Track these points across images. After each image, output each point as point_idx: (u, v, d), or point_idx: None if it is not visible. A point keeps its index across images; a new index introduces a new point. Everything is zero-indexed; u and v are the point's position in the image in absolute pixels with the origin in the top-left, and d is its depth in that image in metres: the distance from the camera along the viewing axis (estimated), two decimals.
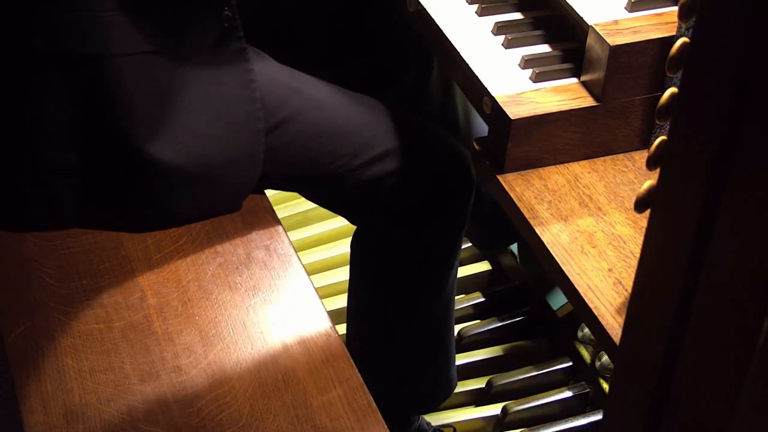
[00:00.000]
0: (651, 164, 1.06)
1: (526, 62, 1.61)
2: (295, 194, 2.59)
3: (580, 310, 1.40)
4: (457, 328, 2.39)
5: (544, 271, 1.71)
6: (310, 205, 2.59)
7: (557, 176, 1.56)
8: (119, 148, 1.61)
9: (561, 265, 1.42)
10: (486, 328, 2.38)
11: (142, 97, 1.59)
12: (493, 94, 1.55)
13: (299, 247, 2.44)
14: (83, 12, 1.54)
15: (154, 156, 1.61)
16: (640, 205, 1.08)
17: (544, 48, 1.65)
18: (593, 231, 1.47)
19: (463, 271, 2.50)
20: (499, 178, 1.56)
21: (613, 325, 1.35)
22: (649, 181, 1.08)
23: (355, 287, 2.01)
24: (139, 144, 1.60)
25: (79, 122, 1.61)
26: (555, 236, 1.46)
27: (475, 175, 1.84)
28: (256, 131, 1.67)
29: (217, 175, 1.67)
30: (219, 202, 1.72)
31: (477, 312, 2.44)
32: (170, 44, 1.60)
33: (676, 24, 1.52)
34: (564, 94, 1.56)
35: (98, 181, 1.66)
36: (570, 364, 2.28)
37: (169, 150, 1.61)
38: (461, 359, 2.35)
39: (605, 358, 2.17)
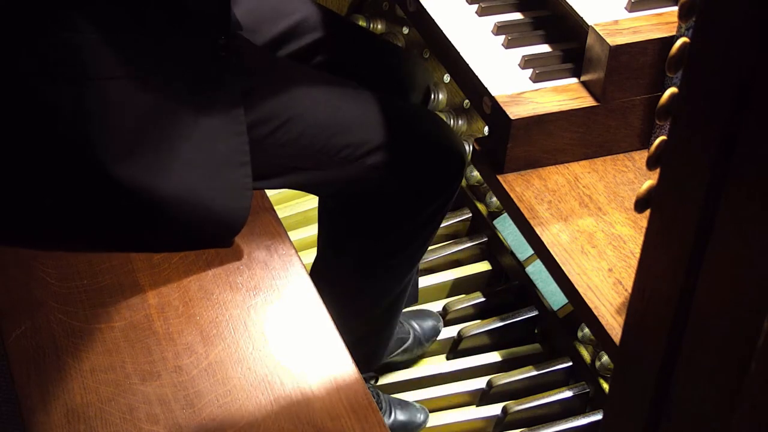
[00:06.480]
0: (651, 164, 1.06)
1: (526, 62, 1.61)
2: (295, 194, 2.61)
3: (580, 310, 1.40)
4: (457, 328, 2.40)
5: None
6: (310, 205, 2.59)
7: (557, 176, 1.57)
8: (99, 171, 1.59)
9: (561, 265, 1.43)
10: (486, 328, 2.38)
11: (125, 121, 1.58)
12: (493, 94, 1.56)
13: (299, 247, 2.44)
14: (70, 34, 1.54)
15: (130, 179, 1.60)
16: (640, 205, 1.08)
17: (544, 48, 1.66)
18: (593, 231, 1.47)
19: (463, 271, 2.50)
20: (499, 178, 1.56)
21: (613, 325, 1.35)
22: (649, 181, 1.08)
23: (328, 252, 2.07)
24: (116, 166, 1.59)
25: (63, 141, 1.59)
26: (555, 236, 1.46)
27: (465, 155, 1.90)
28: (243, 163, 1.67)
29: (204, 204, 1.66)
30: (209, 234, 1.71)
31: (477, 312, 2.44)
32: (159, 69, 1.59)
33: (676, 24, 1.52)
34: (564, 94, 1.57)
35: (79, 202, 1.65)
36: (570, 364, 2.28)
37: (149, 176, 1.60)
38: (461, 360, 2.35)
39: (605, 358, 2.17)
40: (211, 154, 1.64)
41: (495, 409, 2.26)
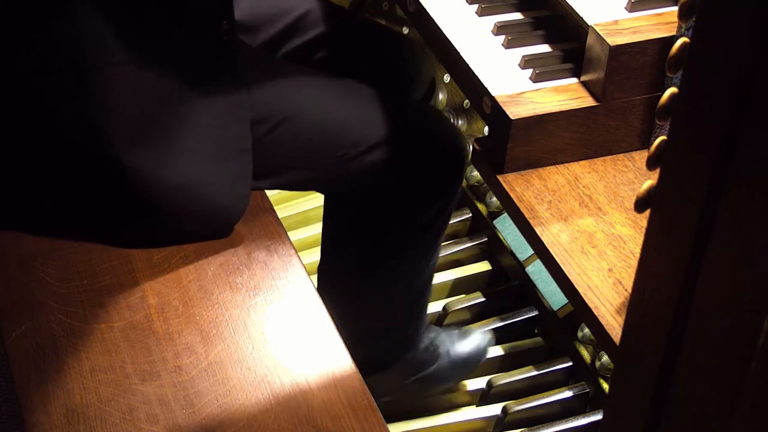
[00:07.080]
0: (651, 164, 1.06)
1: (526, 62, 1.61)
2: (295, 194, 2.61)
3: (580, 310, 1.40)
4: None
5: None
6: (310, 205, 2.59)
7: (557, 176, 1.57)
8: (102, 158, 1.60)
9: (561, 265, 1.43)
10: (486, 328, 2.37)
11: (128, 109, 1.58)
12: (493, 94, 1.56)
13: (299, 247, 2.44)
14: (70, 26, 1.54)
15: (135, 167, 1.60)
16: (640, 205, 1.08)
17: (544, 48, 1.66)
18: (593, 231, 1.47)
19: (463, 271, 2.50)
20: (499, 178, 1.56)
21: (613, 325, 1.35)
22: (649, 181, 1.08)
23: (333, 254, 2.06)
24: (120, 155, 1.59)
25: (65, 132, 1.60)
26: (555, 236, 1.46)
27: (467, 152, 1.90)
28: (245, 151, 1.67)
29: (204, 192, 1.66)
30: (208, 223, 1.71)
31: (477, 312, 2.44)
32: (160, 58, 1.59)
33: (676, 24, 1.52)
34: (564, 94, 1.57)
35: (83, 192, 1.65)
36: (570, 364, 2.28)
37: (152, 162, 1.60)
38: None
39: (605, 358, 2.17)
40: (212, 141, 1.64)
41: (495, 409, 2.25)
